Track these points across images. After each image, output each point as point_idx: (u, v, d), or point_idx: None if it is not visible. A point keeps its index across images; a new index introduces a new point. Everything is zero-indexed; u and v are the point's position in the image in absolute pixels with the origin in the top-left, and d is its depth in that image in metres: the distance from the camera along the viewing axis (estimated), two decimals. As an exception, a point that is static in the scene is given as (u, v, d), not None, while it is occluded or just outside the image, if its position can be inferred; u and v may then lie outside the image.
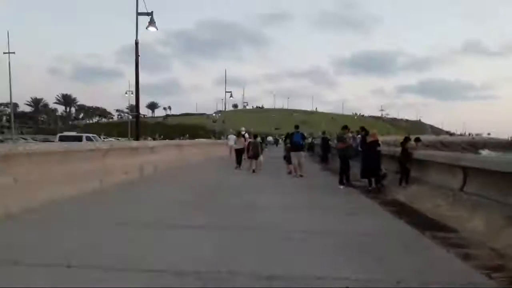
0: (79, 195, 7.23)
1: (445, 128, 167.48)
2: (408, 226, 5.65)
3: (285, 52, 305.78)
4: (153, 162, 12.26)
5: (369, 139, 9.79)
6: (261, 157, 14.25)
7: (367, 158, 9.66)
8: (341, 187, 10.16)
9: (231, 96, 39.14)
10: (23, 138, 51.81)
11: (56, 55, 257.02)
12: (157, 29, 14.39)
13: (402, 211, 6.88)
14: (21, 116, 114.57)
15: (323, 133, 20.20)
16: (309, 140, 25.16)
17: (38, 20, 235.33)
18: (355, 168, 10.63)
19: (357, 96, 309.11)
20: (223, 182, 10.90)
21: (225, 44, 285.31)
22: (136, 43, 14.14)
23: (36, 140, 43.32)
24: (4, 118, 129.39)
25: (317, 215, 6.42)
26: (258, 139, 15.29)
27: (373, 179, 9.71)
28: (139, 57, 14.15)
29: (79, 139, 27.56)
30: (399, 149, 9.67)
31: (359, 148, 10.44)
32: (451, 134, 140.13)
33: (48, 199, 6.42)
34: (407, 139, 9.48)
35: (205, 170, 15.20)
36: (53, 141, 29.72)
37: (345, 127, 11.01)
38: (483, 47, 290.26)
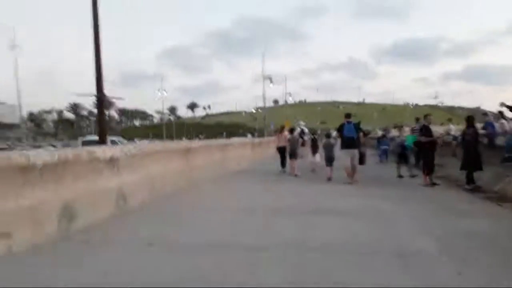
0: None
1: (508, 115, 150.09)
2: None
3: (322, 45, 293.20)
4: (114, 191, 5.98)
5: None
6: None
7: None
8: None
9: (271, 82, 32.45)
10: (53, 145, 48.59)
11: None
12: None
13: None
14: (64, 122, 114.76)
15: (417, 120, 12.81)
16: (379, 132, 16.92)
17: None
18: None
19: (400, 86, 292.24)
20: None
21: (261, 41, 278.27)
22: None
23: (68, 146, 39.37)
24: (51, 124, 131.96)
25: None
26: (297, 132, 12.87)
27: None
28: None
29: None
30: None
31: None
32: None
33: None
34: None
35: (223, 193, 8.72)
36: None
37: None
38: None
